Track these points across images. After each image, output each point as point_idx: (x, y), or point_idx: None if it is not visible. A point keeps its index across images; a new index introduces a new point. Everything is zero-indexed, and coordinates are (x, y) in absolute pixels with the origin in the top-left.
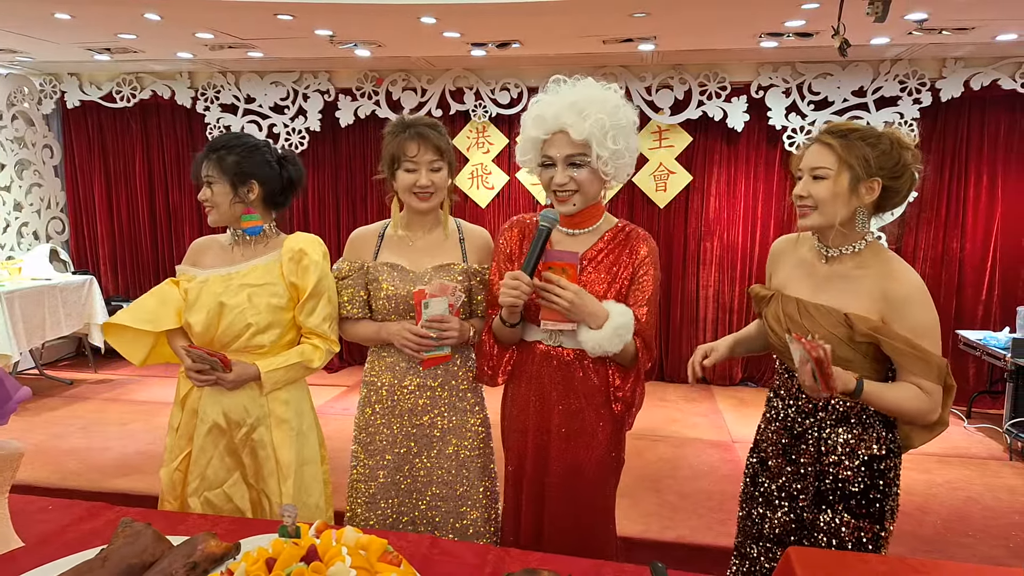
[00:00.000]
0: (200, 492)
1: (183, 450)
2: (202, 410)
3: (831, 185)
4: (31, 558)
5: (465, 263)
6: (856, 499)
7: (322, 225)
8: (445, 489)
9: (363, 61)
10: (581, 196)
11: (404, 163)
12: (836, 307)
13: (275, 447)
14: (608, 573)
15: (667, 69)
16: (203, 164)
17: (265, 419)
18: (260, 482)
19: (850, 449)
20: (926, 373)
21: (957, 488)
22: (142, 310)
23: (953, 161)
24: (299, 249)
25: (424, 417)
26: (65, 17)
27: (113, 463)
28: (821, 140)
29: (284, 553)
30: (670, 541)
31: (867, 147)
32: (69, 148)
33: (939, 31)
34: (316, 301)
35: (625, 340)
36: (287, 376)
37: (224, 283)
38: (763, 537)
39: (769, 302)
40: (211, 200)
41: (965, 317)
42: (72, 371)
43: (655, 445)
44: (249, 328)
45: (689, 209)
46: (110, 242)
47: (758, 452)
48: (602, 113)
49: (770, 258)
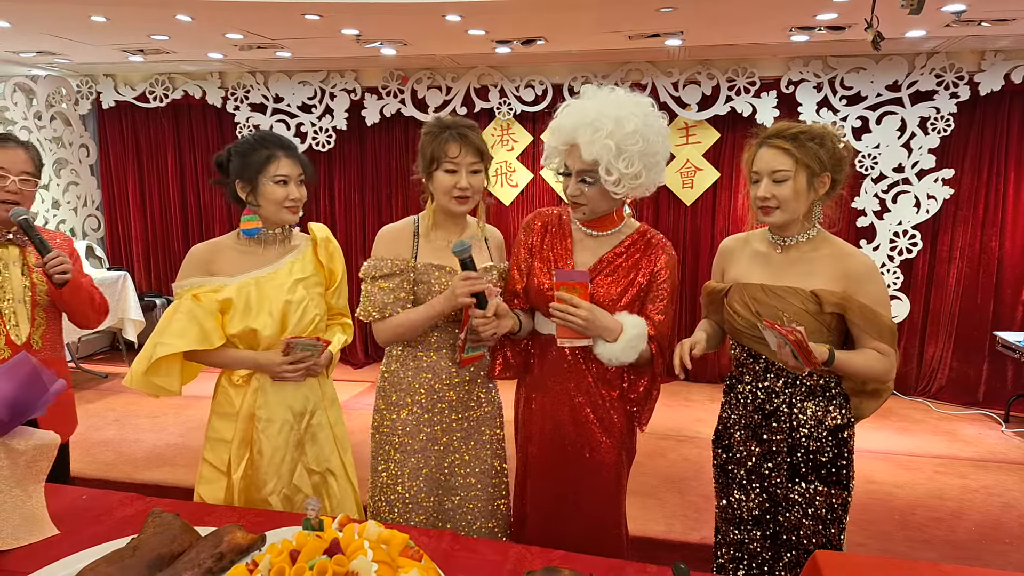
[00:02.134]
0: (279, 490)
1: (243, 457)
2: (266, 412)
3: (792, 185)
4: (65, 545)
5: (493, 263)
6: (826, 468)
7: (348, 223)
8: (483, 478)
9: (389, 60)
10: (590, 209)
11: (444, 164)
12: (801, 286)
13: (332, 425)
14: (630, 573)
15: (694, 64)
16: (290, 162)
17: (320, 402)
18: (323, 463)
19: (817, 420)
20: (885, 337)
21: (993, 494)
22: (187, 334)
23: (992, 157)
24: (326, 236)
25: (463, 411)
26: (101, 19)
27: (144, 455)
28: (774, 145)
29: (307, 546)
30: (694, 542)
31: (817, 147)
32: (104, 147)
33: (978, 23)
34: (343, 284)
35: (639, 349)
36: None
37: (273, 282)
38: (742, 521)
39: (728, 293)
40: (300, 200)
41: (1003, 318)
42: (106, 365)
43: (680, 445)
44: (315, 319)
45: (716, 206)
46: (143, 239)
47: (722, 443)
48: (612, 139)
49: (721, 256)
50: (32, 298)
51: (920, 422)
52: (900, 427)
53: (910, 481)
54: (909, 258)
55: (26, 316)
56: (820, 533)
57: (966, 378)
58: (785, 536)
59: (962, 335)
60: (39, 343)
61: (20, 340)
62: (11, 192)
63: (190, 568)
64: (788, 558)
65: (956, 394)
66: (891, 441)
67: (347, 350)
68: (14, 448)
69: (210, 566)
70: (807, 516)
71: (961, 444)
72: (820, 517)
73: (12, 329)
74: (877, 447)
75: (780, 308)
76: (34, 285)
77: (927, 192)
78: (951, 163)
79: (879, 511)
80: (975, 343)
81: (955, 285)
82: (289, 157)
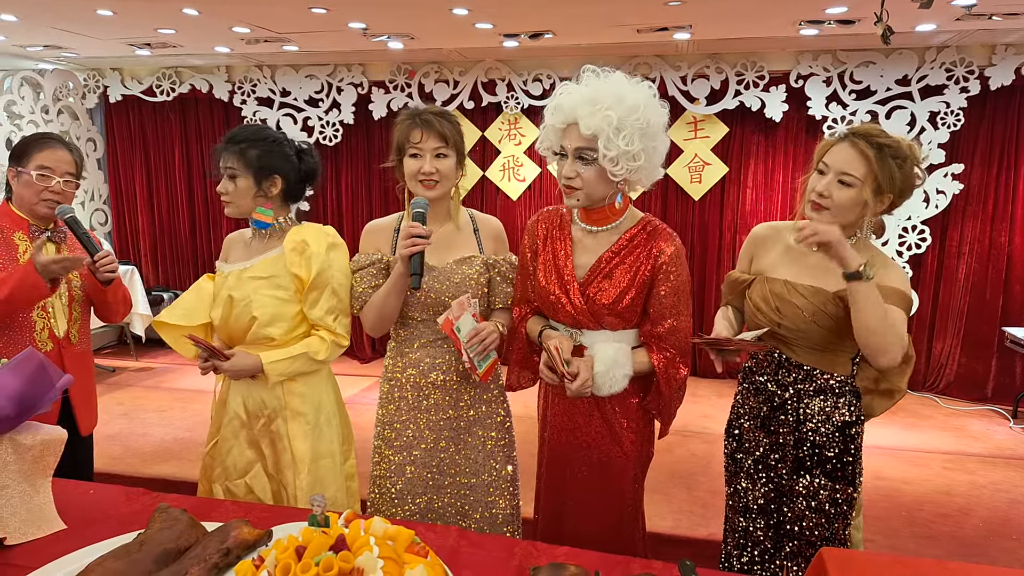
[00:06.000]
0: (222, 480)
1: (213, 438)
2: (229, 401)
3: (854, 194)
4: (72, 540)
5: (482, 254)
6: (832, 463)
7: (355, 217)
8: (473, 480)
9: (396, 54)
10: (585, 194)
11: (408, 149)
12: (826, 287)
13: (290, 439)
14: (635, 569)
15: (703, 58)
16: (223, 155)
17: (281, 411)
18: (279, 473)
19: (825, 416)
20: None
21: (1001, 490)
22: (180, 306)
23: (1002, 152)
24: (301, 240)
25: (450, 411)
26: (107, 13)
27: (152, 449)
28: (858, 146)
29: (314, 542)
30: (701, 538)
31: (895, 166)
32: (111, 142)
33: (989, 16)
34: (319, 293)
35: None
36: (292, 367)
37: (237, 277)
38: (748, 509)
39: (751, 285)
40: (232, 194)
41: (1013, 313)
42: (114, 359)
43: (687, 441)
44: (254, 321)
45: (725, 201)
46: (150, 233)
47: (732, 431)
48: (612, 111)
49: (752, 243)
50: (69, 293)
51: (928, 418)
52: (908, 423)
53: (918, 477)
54: (918, 253)
55: (63, 311)
56: (823, 527)
57: (975, 374)
58: (788, 527)
59: (971, 330)
60: (76, 337)
61: (60, 334)
62: (55, 192)
63: (197, 563)
64: (790, 548)
65: (964, 390)
66: (899, 437)
67: (354, 345)
68: (21, 443)
69: (216, 561)
70: (810, 509)
71: (969, 440)
72: (824, 511)
73: (54, 324)
74: (885, 443)
75: (800, 307)
76: (69, 281)
77: (936, 187)
78: (961, 158)
79: (887, 507)
80: (984, 338)
81: (964, 280)
82: (222, 151)
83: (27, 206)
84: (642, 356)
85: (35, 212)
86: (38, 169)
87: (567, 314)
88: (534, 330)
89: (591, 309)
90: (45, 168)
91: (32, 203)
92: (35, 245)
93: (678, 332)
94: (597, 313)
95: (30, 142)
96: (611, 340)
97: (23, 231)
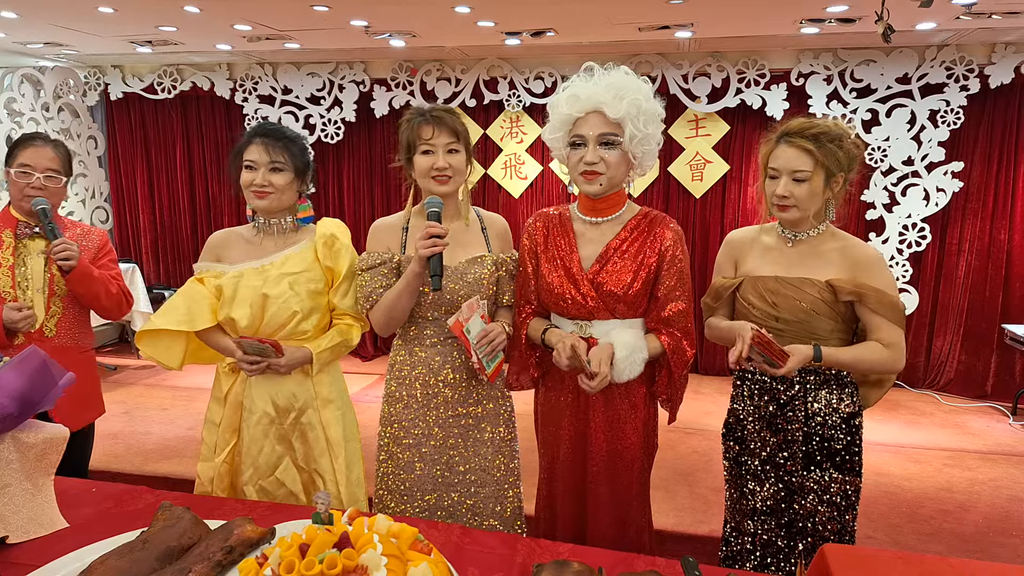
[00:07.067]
0: (255, 481)
1: (228, 443)
2: (249, 402)
3: (809, 186)
4: (75, 538)
5: (490, 253)
6: (840, 456)
7: (357, 215)
8: (484, 476)
9: (398, 51)
10: (608, 178)
11: (420, 146)
12: (814, 278)
13: (324, 426)
14: (639, 566)
15: (704, 56)
16: (267, 149)
17: (312, 402)
18: (311, 463)
19: (832, 408)
20: (897, 319)
21: (1001, 486)
22: (175, 312)
23: (1002, 150)
24: (330, 235)
25: (460, 408)
26: (108, 10)
27: (154, 447)
28: (796, 143)
29: (317, 539)
30: (703, 535)
31: (836, 148)
32: (112, 139)
33: (989, 15)
34: (349, 283)
35: (640, 359)
36: (333, 355)
37: (261, 275)
38: (756, 511)
39: (740, 287)
40: (279, 187)
41: (1012, 311)
42: (115, 357)
43: (689, 438)
44: (295, 316)
45: (726, 199)
46: (152, 231)
47: (734, 435)
48: (638, 95)
49: (730, 250)
50: (50, 287)
51: (928, 415)
52: (908, 420)
53: (918, 474)
54: (918, 251)
55: (42, 305)
56: (835, 520)
57: (974, 371)
58: (800, 524)
59: (971, 328)
60: (52, 331)
61: (33, 328)
62: (36, 188)
63: (200, 561)
64: (804, 545)
65: (964, 387)
66: (899, 434)
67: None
68: (24, 441)
69: (220, 559)
70: (822, 503)
71: (969, 437)
72: (835, 504)
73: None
74: (886, 440)
75: (797, 298)
76: (52, 276)
77: (936, 185)
78: (961, 156)
79: (887, 503)
80: (984, 336)
81: (964, 278)
82: (262, 144)
83: (15, 204)
84: (652, 341)
85: (22, 209)
86: (19, 167)
87: (578, 306)
88: (536, 332)
89: (602, 298)
90: (25, 166)
91: (18, 200)
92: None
93: (683, 314)
94: (608, 301)
95: (17, 142)
96: (623, 328)
97: (11, 229)
